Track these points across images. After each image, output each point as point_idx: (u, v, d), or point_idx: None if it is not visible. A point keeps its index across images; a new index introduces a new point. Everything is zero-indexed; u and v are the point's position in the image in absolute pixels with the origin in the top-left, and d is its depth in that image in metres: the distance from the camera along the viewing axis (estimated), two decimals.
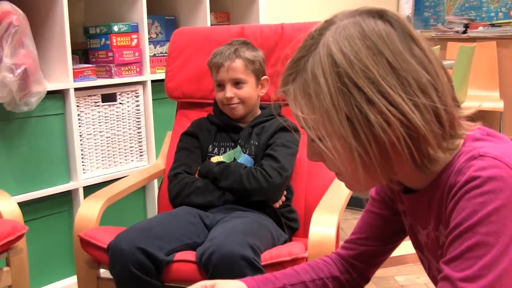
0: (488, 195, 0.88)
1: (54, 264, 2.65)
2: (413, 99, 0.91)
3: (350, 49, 0.91)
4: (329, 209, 1.84)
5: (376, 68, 0.90)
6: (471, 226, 0.88)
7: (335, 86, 0.91)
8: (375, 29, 0.93)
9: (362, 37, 0.92)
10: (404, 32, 0.94)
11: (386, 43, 0.92)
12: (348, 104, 0.91)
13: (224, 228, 1.79)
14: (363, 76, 0.90)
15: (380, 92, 0.90)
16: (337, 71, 0.91)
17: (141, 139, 2.93)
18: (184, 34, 2.50)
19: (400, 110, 0.90)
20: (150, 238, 1.75)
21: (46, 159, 2.57)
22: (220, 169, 2.00)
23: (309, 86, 0.94)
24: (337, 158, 0.95)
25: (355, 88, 0.90)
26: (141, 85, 2.90)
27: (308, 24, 2.31)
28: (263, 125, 2.10)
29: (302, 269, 1.24)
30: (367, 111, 0.90)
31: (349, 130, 0.92)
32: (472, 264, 0.87)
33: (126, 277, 1.71)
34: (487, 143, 0.95)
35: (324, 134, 0.95)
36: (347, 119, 0.91)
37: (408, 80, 0.91)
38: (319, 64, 0.93)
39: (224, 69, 2.05)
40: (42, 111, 2.52)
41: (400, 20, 0.95)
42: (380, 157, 0.93)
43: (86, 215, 1.97)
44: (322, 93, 0.92)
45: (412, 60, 0.92)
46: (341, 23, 0.95)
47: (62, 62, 2.58)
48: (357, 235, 1.27)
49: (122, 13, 2.93)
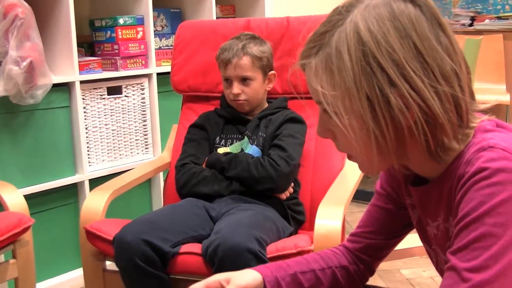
0: (496, 186, 0.87)
1: (60, 256, 2.66)
2: (435, 86, 0.91)
3: (378, 28, 0.91)
4: (335, 202, 1.84)
5: (402, 51, 0.90)
6: (478, 217, 0.88)
7: (359, 64, 0.91)
8: (405, 11, 0.92)
9: (392, 17, 0.92)
10: (433, 19, 0.94)
11: (415, 27, 0.92)
12: (370, 84, 0.90)
13: (230, 221, 1.79)
14: (388, 57, 0.90)
15: (403, 75, 0.90)
16: (363, 49, 0.90)
17: (147, 132, 2.93)
18: (190, 27, 2.50)
19: (421, 96, 0.90)
20: (156, 230, 1.75)
21: (52, 151, 2.58)
22: (228, 159, 2.01)
23: (332, 61, 0.93)
24: (352, 137, 0.94)
25: (379, 69, 0.90)
26: (147, 78, 2.90)
27: (314, 17, 2.30)
28: (270, 117, 2.10)
29: (312, 258, 1.25)
30: (388, 93, 0.90)
31: (368, 110, 0.92)
32: (478, 255, 0.87)
33: (131, 269, 1.72)
34: (497, 134, 0.95)
35: (342, 111, 0.94)
36: (367, 99, 0.91)
37: (432, 67, 0.91)
38: (344, 40, 0.92)
39: (232, 66, 2.05)
40: (48, 104, 2.52)
41: (430, 5, 0.95)
42: (395, 140, 0.94)
43: (92, 207, 1.97)
44: (345, 70, 0.92)
45: (439, 47, 0.92)
46: (371, 2, 0.94)
47: (67, 55, 2.58)
48: (363, 228, 1.27)
49: (128, 6, 2.92)
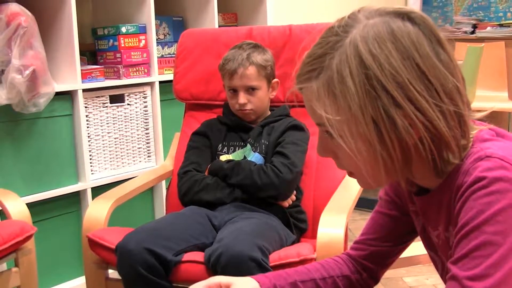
0: (495, 195, 0.88)
1: (63, 264, 2.66)
2: (439, 104, 0.91)
3: (380, 51, 0.90)
4: (338, 210, 1.83)
5: (406, 72, 0.90)
6: (477, 226, 0.88)
7: (363, 88, 0.90)
8: (405, 31, 0.92)
9: (392, 38, 0.91)
10: (431, 35, 0.93)
11: (416, 46, 0.91)
12: (375, 106, 0.90)
13: (233, 229, 1.79)
14: (392, 80, 0.89)
15: (408, 96, 0.90)
16: (366, 73, 0.90)
17: (149, 140, 2.93)
18: (192, 35, 2.50)
19: (426, 116, 0.90)
20: (158, 239, 1.75)
21: (55, 160, 2.58)
22: (230, 166, 2.01)
23: (335, 85, 0.92)
24: (359, 160, 0.94)
25: (383, 91, 0.89)
26: (149, 86, 2.90)
27: (316, 25, 2.30)
28: (273, 125, 2.11)
29: (313, 267, 1.25)
30: (394, 114, 0.90)
31: (374, 132, 0.91)
32: (479, 263, 0.87)
33: (134, 278, 1.72)
34: (494, 144, 0.95)
35: (348, 135, 0.93)
36: (373, 122, 0.91)
37: (436, 86, 0.91)
38: (346, 63, 0.91)
39: (238, 76, 2.05)
40: (51, 112, 2.53)
41: (427, 22, 0.94)
42: (402, 160, 0.94)
43: (94, 215, 1.97)
44: (349, 95, 0.91)
45: (440, 64, 0.92)
46: (369, 22, 0.93)
47: (70, 63, 2.59)
48: (367, 235, 1.27)
49: (130, 14, 2.93)
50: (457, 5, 5.46)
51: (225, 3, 3.45)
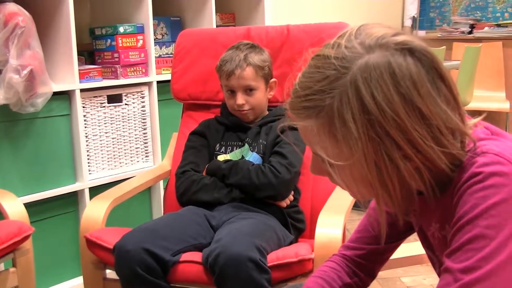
0: (490, 189, 0.89)
1: (60, 265, 2.66)
2: (442, 146, 0.91)
3: (383, 96, 0.88)
4: (336, 210, 1.84)
5: (407, 117, 0.89)
6: (471, 219, 0.89)
7: (366, 134, 0.89)
8: (406, 70, 0.89)
9: (394, 82, 0.89)
10: (433, 70, 0.92)
11: (417, 87, 0.89)
12: (377, 151, 0.90)
13: (230, 230, 1.79)
14: (394, 125, 0.88)
15: (409, 140, 0.89)
16: (369, 118, 0.88)
17: (147, 140, 2.93)
18: (190, 35, 2.50)
19: (428, 158, 0.91)
20: (156, 239, 1.75)
21: (52, 160, 2.58)
22: (228, 166, 2.01)
23: (336, 129, 0.91)
24: (359, 198, 0.96)
25: (386, 136, 0.89)
26: (147, 86, 2.90)
27: (314, 26, 2.31)
28: (271, 125, 2.11)
29: (316, 284, 1.23)
30: (397, 158, 0.90)
31: (375, 176, 0.92)
32: (471, 256, 0.88)
33: (132, 278, 1.72)
34: (490, 141, 0.96)
35: (349, 178, 0.95)
36: (375, 166, 0.91)
37: (438, 125, 0.90)
38: (347, 106, 0.89)
39: (235, 77, 2.05)
40: (48, 112, 2.52)
41: (429, 56, 0.92)
42: (401, 197, 0.95)
43: (92, 216, 1.97)
44: (352, 140, 0.90)
45: (441, 102, 0.91)
46: (370, 58, 0.90)
47: (68, 63, 2.59)
48: (363, 233, 1.26)
49: (128, 14, 2.93)
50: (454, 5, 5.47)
51: (223, 3, 3.45)
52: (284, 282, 1.71)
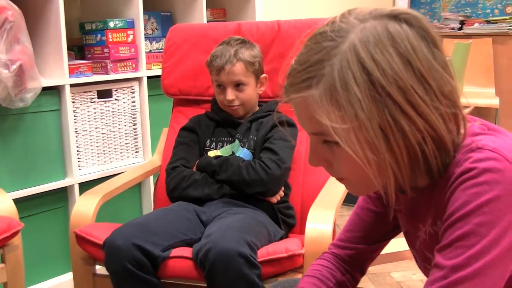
0: (482, 186, 0.88)
1: (50, 260, 2.65)
2: (439, 108, 0.91)
3: (382, 56, 0.88)
4: (326, 206, 1.84)
5: (407, 77, 0.88)
6: (463, 216, 0.89)
7: (369, 95, 0.88)
8: (403, 34, 0.90)
9: (393, 43, 0.89)
10: (428, 37, 0.92)
11: (415, 50, 0.90)
12: (381, 113, 0.88)
13: (221, 225, 1.78)
14: (394, 85, 0.88)
15: (410, 101, 0.89)
16: (370, 79, 0.88)
17: (137, 136, 2.92)
18: (181, 30, 2.50)
19: (427, 121, 0.90)
20: (146, 235, 1.75)
21: (42, 155, 2.56)
22: (219, 162, 2.01)
23: (338, 93, 0.89)
24: (369, 170, 0.92)
25: (388, 97, 0.88)
26: (137, 81, 2.89)
27: (305, 21, 2.31)
28: (261, 121, 2.11)
29: (310, 283, 1.23)
30: (401, 120, 0.89)
31: (382, 140, 0.89)
32: (461, 253, 0.88)
33: (122, 274, 1.71)
34: (486, 137, 0.95)
35: (355, 144, 0.90)
36: (380, 129, 0.89)
37: (434, 88, 0.90)
38: (348, 70, 0.89)
39: (225, 73, 2.04)
40: (38, 107, 2.51)
41: (423, 24, 0.93)
42: (409, 166, 0.93)
43: (82, 211, 1.96)
44: (355, 102, 0.88)
45: (437, 66, 0.91)
46: (366, 25, 0.91)
47: (57, 58, 2.57)
48: (352, 233, 1.26)
49: (118, 9, 2.92)
50: (444, 1, 5.48)
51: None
52: (274, 277, 1.71)
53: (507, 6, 5.15)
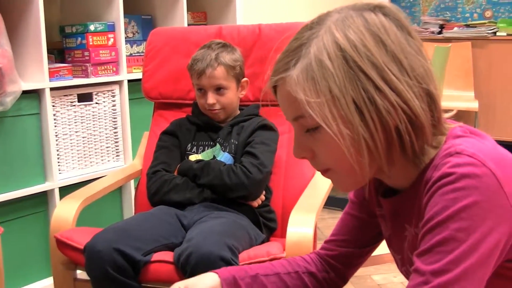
0: (461, 191, 0.88)
1: (30, 265, 2.63)
2: (412, 85, 0.93)
3: (355, 35, 0.93)
4: (307, 209, 1.84)
5: (380, 55, 0.92)
6: (442, 221, 0.89)
7: (342, 70, 0.92)
8: (377, 20, 0.95)
9: (366, 24, 0.94)
10: (402, 26, 0.97)
11: (388, 32, 0.94)
12: (355, 88, 0.92)
13: (202, 229, 1.78)
14: (367, 61, 0.92)
15: (383, 77, 0.92)
16: (343, 55, 0.92)
17: (118, 139, 2.91)
18: (161, 34, 2.49)
19: (401, 97, 0.92)
20: (127, 239, 1.74)
21: (21, 159, 2.55)
22: (200, 166, 2.01)
23: (313, 70, 0.93)
24: (343, 144, 0.93)
25: (361, 73, 0.92)
26: (118, 85, 2.88)
27: (286, 25, 2.31)
28: (242, 125, 2.11)
29: (278, 263, 1.26)
30: (374, 95, 0.92)
31: (356, 114, 0.92)
32: (440, 258, 0.89)
33: (103, 278, 1.71)
34: (466, 140, 0.96)
35: (330, 119, 0.93)
36: (353, 103, 0.92)
37: (407, 68, 0.93)
38: (323, 49, 0.93)
39: (206, 77, 2.04)
40: (17, 111, 2.49)
41: (398, 15, 0.98)
42: (385, 144, 0.95)
43: (62, 216, 1.95)
44: (329, 76, 0.92)
45: (410, 49, 0.95)
46: (342, 14, 0.96)
47: (37, 61, 2.56)
48: (336, 236, 1.27)
49: (99, 12, 2.91)
50: (424, 5, 5.52)
51: (194, 2, 3.45)
52: None
53: (486, 10, 5.20)
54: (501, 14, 5.15)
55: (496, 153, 0.93)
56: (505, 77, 4.77)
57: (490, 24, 4.99)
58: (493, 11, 5.18)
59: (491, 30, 4.87)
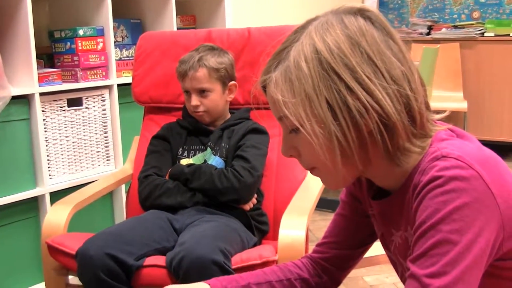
0: (450, 194, 0.90)
1: (22, 271, 2.62)
2: (385, 86, 0.95)
3: (331, 38, 0.96)
4: (298, 212, 1.85)
5: (353, 56, 0.95)
6: (434, 224, 0.90)
7: (316, 71, 0.95)
8: (355, 23, 0.98)
9: (343, 27, 0.97)
10: (383, 28, 0.99)
11: (364, 35, 0.97)
12: (328, 89, 0.94)
13: (194, 233, 1.78)
14: (341, 63, 0.94)
15: (356, 78, 0.94)
16: (318, 57, 0.95)
17: (108, 144, 2.91)
18: (151, 38, 2.49)
19: (374, 97, 0.94)
20: (119, 244, 1.74)
21: (12, 165, 2.54)
22: (191, 170, 2.01)
23: (291, 72, 0.97)
24: (315, 142, 0.96)
25: (334, 74, 0.94)
26: (107, 89, 2.88)
27: (275, 28, 2.32)
28: (233, 128, 2.11)
29: (270, 269, 1.26)
30: (346, 95, 0.94)
31: (329, 114, 0.95)
32: (436, 261, 0.89)
33: (95, 284, 1.70)
34: (451, 143, 0.97)
35: (304, 118, 0.96)
36: (326, 103, 0.95)
37: (382, 70, 0.95)
38: (301, 52, 0.97)
39: (188, 78, 2.05)
40: (7, 117, 2.48)
41: (379, 18, 1.00)
42: (358, 142, 0.96)
43: (53, 221, 1.95)
44: (304, 78, 0.96)
45: (388, 52, 0.97)
46: (324, 19, 1.00)
47: (26, 66, 2.55)
48: (329, 238, 1.28)
49: (88, 17, 2.90)
50: (412, 6, 5.55)
51: (184, 6, 3.45)
52: None
53: (473, 11, 5.23)
54: (489, 15, 5.18)
55: (481, 155, 0.95)
56: (493, 77, 4.80)
57: (478, 25, 5.02)
58: (480, 12, 5.21)
59: (479, 31, 4.90)
